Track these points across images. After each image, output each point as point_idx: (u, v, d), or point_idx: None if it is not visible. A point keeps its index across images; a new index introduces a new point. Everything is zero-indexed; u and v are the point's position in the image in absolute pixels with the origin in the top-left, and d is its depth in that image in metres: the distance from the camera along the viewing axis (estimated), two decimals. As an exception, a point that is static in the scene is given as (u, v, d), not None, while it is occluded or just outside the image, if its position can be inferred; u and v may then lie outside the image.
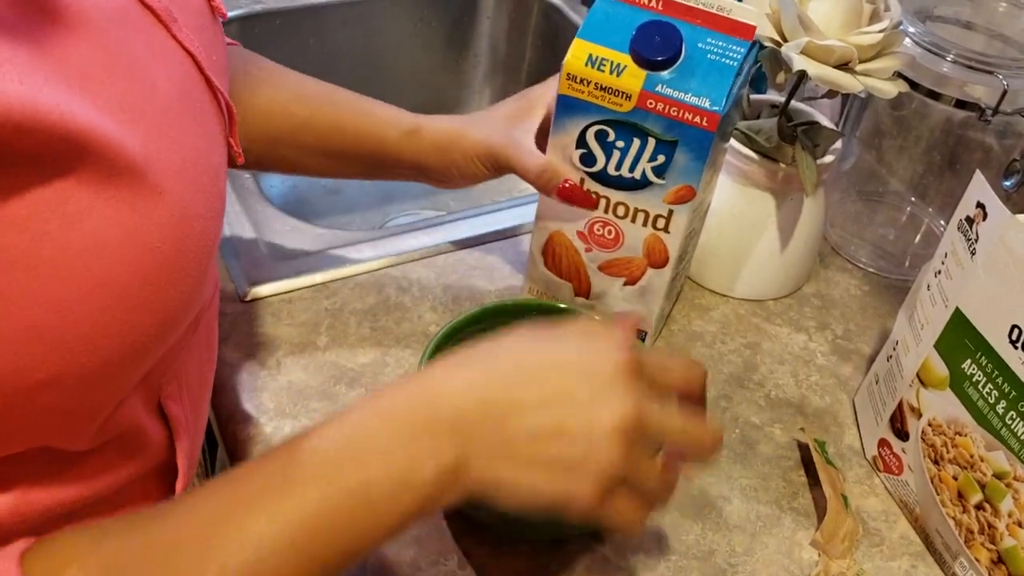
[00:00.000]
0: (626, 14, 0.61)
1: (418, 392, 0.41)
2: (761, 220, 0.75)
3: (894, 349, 0.65)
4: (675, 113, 0.59)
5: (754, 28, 0.60)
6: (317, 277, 0.76)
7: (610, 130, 0.61)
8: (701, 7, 0.60)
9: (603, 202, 0.65)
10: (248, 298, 0.73)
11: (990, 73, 0.69)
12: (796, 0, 0.63)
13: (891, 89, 0.65)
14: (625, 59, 0.59)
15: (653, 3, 0.60)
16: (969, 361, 0.56)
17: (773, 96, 0.78)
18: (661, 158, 0.61)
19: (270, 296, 0.73)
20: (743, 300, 0.79)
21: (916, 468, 0.61)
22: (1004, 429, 0.54)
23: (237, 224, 0.80)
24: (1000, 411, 0.54)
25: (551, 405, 0.41)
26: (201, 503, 0.39)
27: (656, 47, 0.59)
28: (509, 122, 0.65)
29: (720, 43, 0.60)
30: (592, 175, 0.64)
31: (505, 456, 0.40)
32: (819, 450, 0.64)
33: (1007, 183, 0.70)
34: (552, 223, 0.68)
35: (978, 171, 0.56)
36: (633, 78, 0.59)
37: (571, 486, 0.41)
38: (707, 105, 0.58)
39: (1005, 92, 0.68)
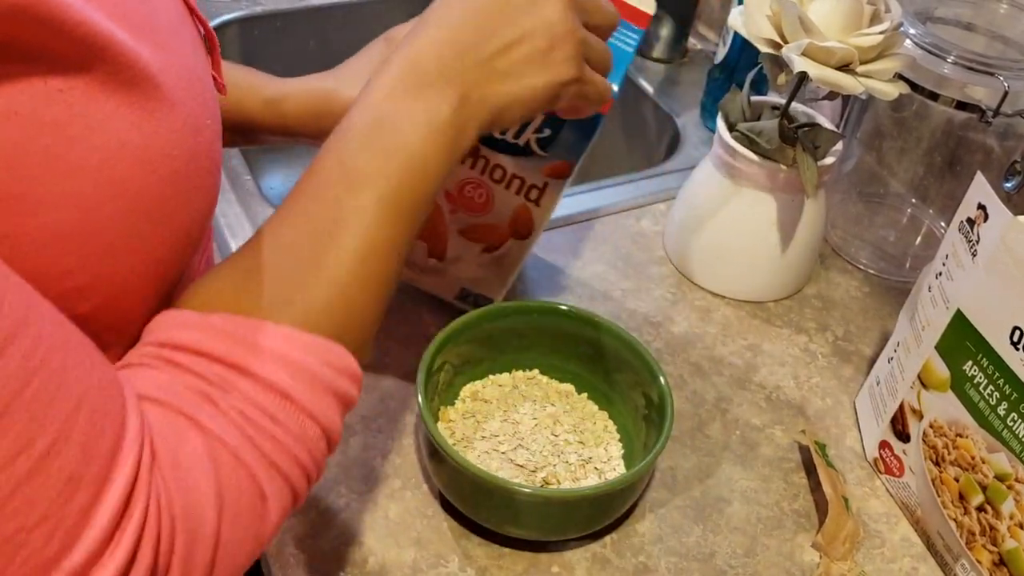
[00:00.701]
0: None
1: (400, 62, 0.47)
2: (762, 222, 0.75)
3: (895, 350, 0.65)
4: None
5: (649, 16, 0.60)
6: (317, 279, 0.75)
7: None
8: None
9: (481, 163, 0.64)
10: (248, 300, 0.73)
11: (991, 75, 0.69)
12: (797, 1, 0.63)
13: (892, 91, 0.65)
14: None
15: None
16: (970, 362, 0.56)
17: (774, 98, 0.78)
18: (547, 132, 0.61)
19: (270, 298, 0.73)
20: (744, 302, 0.79)
21: (917, 470, 0.61)
22: (1005, 431, 0.54)
23: (237, 226, 0.80)
24: (1001, 413, 0.54)
25: (502, 17, 0.47)
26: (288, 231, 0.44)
27: None
28: None
29: (619, 28, 0.60)
30: None
31: (492, 75, 0.47)
32: (819, 452, 0.64)
33: (1008, 184, 0.70)
34: None
35: (979, 173, 0.56)
36: None
37: (555, 70, 0.48)
38: None
39: (1006, 93, 0.68)
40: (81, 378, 0.33)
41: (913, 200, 0.89)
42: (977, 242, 0.56)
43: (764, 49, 0.65)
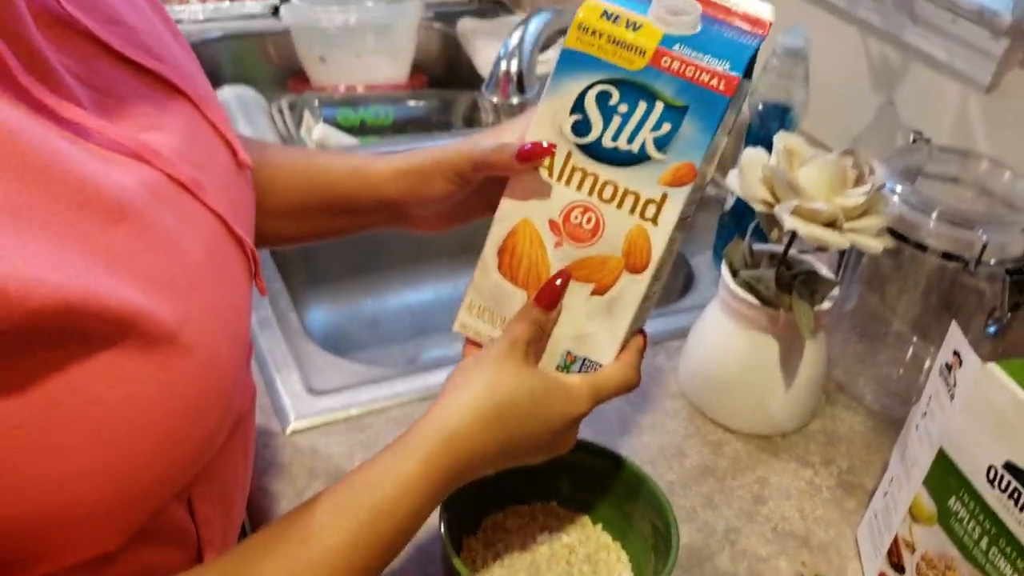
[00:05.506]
0: None
1: (434, 458, 0.53)
2: (766, 361, 0.80)
3: (889, 485, 0.69)
4: (691, 73, 0.55)
5: (769, 23, 0.56)
6: (353, 411, 0.82)
7: (614, 91, 0.56)
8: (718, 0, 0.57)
9: (589, 181, 0.57)
10: (289, 431, 0.79)
11: (970, 228, 0.75)
12: (786, 167, 0.71)
13: (877, 245, 0.71)
14: (642, 19, 0.56)
15: None
16: (954, 498, 0.60)
17: (774, 247, 0.85)
18: (666, 126, 0.56)
19: (308, 429, 0.79)
20: (753, 436, 0.84)
21: (913, 601, 0.65)
22: (988, 565, 0.57)
23: (282, 362, 0.86)
24: (983, 547, 0.58)
25: (529, 443, 0.57)
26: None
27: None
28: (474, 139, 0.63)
29: (736, 27, 0.56)
30: (583, 147, 0.57)
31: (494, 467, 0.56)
32: (819, 583, 0.67)
33: (990, 330, 0.75)
34: (521, 210, 0.59)
35: (954, 322, 0.62)
36: (650, 35, 0.55)
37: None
38: (726, 68, 0.54)
39: (984, 246, 0.74)
40: None
41: (915, 338, 0.93)
42: (955, 385, 0.61)
43: (759, 208, 0.72)
